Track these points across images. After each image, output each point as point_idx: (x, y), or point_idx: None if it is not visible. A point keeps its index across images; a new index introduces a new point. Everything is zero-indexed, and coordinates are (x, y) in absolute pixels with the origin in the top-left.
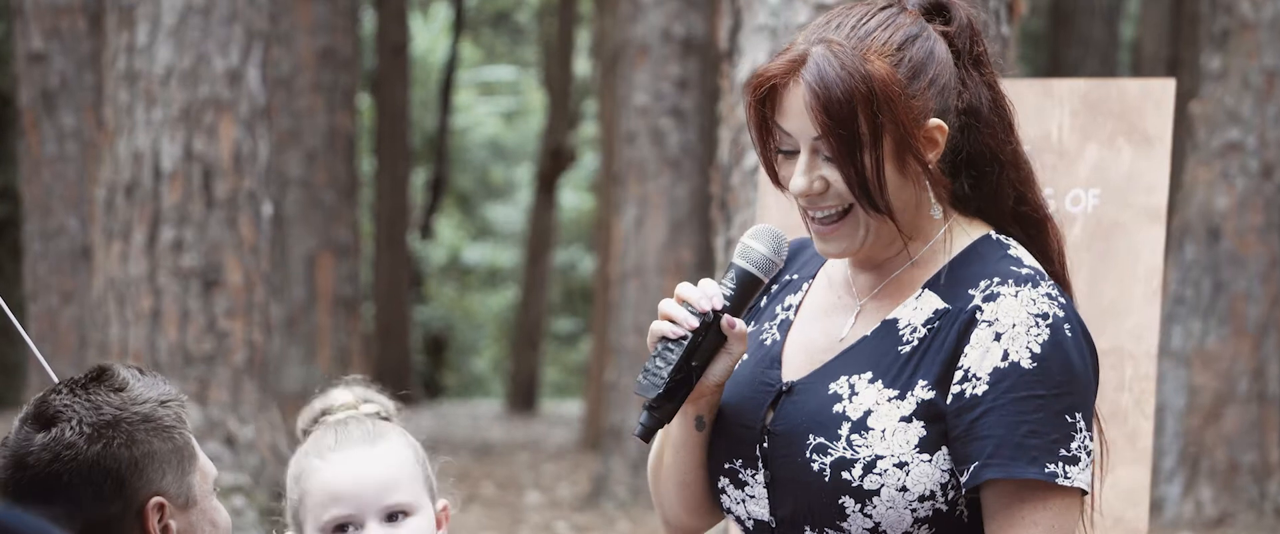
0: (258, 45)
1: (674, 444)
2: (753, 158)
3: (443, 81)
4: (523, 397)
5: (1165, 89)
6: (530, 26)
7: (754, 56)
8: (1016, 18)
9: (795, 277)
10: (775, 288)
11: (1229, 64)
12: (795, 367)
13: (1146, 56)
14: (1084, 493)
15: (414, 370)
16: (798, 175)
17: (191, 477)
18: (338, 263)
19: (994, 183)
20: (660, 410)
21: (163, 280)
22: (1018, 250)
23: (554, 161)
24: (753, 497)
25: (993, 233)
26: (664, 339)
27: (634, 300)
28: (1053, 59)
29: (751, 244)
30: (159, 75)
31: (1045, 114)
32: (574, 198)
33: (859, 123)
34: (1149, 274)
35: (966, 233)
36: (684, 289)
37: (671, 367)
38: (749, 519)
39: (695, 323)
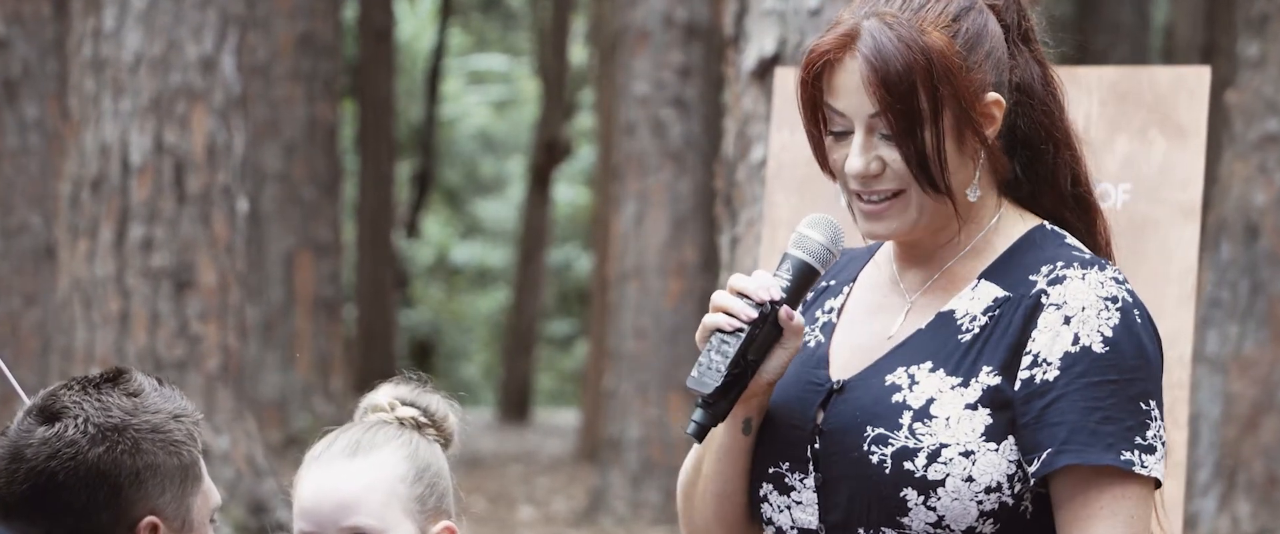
0: (233, 31)
1: (717, 451)
2: (759, 151)
3: (430, 69)
4: (515, 405)
5: (1200, 77)
6: (523, 11)
7: (761, 42)
8: (1039, 0)
9: (832, 282)
10: (811, 296)
11: (1268, 51)
12: (843, 365)
13: (1180, 43)
14: (1159, 484)
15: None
16: (854, 156)
17: (193, 498)
18: (317, 263)
19: (1050, 163)
20: (715, 407)
21: (131, 281)
22: (1073, 240)
23: (548, 154)
24: (799, 502)
25: (1046, 224)
26: (719, 332)
27: (633, 302)
28: (1080, 45)
29: (808, 233)
30: (127, 62)
31: (1073, 104)
32: (569, 193)
33: (919, 97)
34: (1182, 275)
35: (1019, 222)
36: (738, 280)
37: (729, 360)
38: (793, 528)
39: (753, 314)
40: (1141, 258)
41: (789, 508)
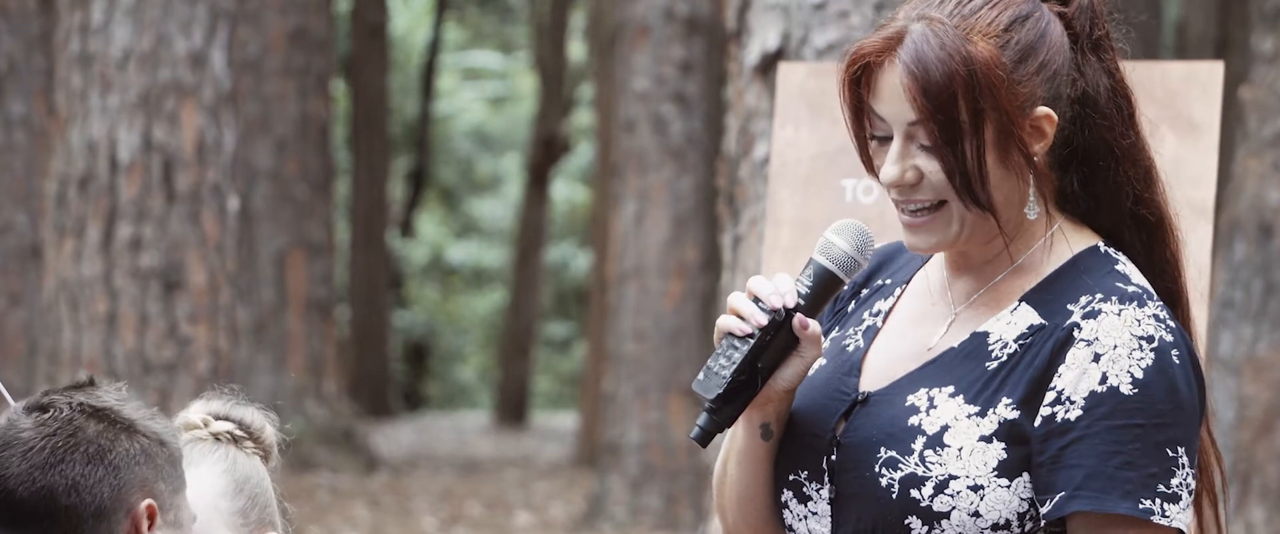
0: (223, 25)
1: (738, 454)
2: (762, 148)
3: (425, 65)
4: (512, 408)
5: (1213, 72)
6: (519, 5)
7: (764, 37)
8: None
9: (888, 281)
10: (866, 292)
11: None
12: (875, 376)
13: (1192, 37)
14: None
15: (394, 380)
16: (889, 164)
17: (181, 496)
18: (310, 262)
19: (1110, 180)
20: (720, 413)
21: (119, 281)
22: (1126, 266)
23: (546, 152)
24: (815, 513)
25: (1101, 245)
26: (729, 335)
27: (633, 303)
28: None
29: (834, 240)
30: (115, 58)
31: None
32: (567, 191)
33: (959, 108)
34: (1195, 275)
35: (1072, 241)
36: (756, 283)
37: (735, 366)
38: None
39: (764, 320)
40: None
41: (806, 518)
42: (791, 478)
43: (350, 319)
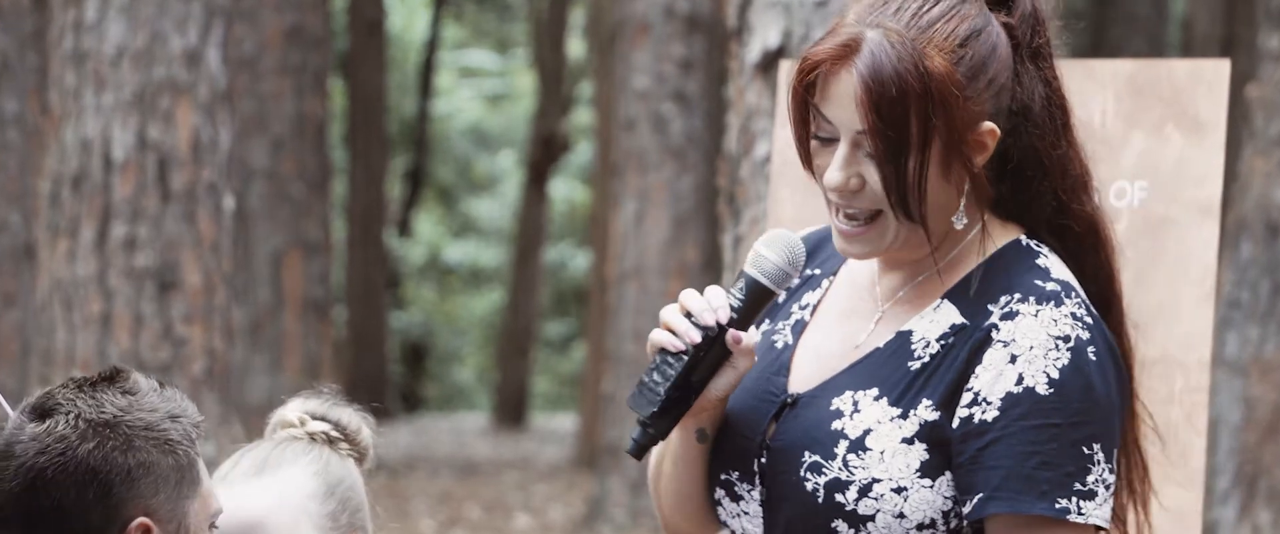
0: (219, 22)
1: (673, 455)
2: (764, 147)
3: (423, 63)
4: (511, 410)
5: (1219, 70)
6: (518, 2)
7: (765, 35)
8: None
9: (817, 271)
10: (795, 282)
11: None
12: (804, 376)
13: (1198, 35)
14: (1099, 530)
15: (391, 381)
16: (834, 169)
17: (189, 502)
18: (307, 262)
19: (1033, 189)
20: (655, 427)
21: (114, 282)
22: (1048, 259)
23: (545, 150)
24: (747, 513)
25: (1024, 238)
26: (663, 351)
27: (633, 303)
28: (1095, 38)
29: (764, 252)
30: (109, 55)
31: (1086, 98)
32: (567, 190)
33: (910, 124)
34: (1201, 275)
35: (996, 237)
36: (688, 298)
37: (670, 383)
38: None
39: (697, 338)
40: (1158, 258)
41: (739, 516)
42: (723, 478)
43: (347, 320)
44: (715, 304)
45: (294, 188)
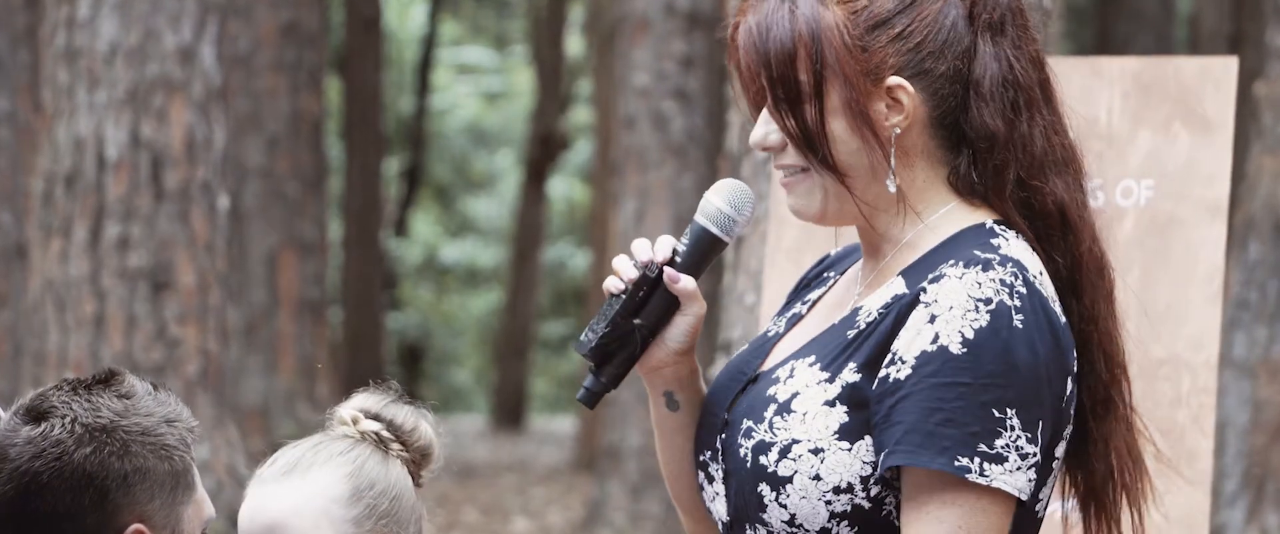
0: (213, 19)
1: (655, 427)
2: None
3: (420, 60)
4: (509, 412)
5: (1226, 68)
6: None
7: None
8: None
9: (832, 275)
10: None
11: None
12: (776, 356)
13: (1205, 32)
14: (1014, 498)
15: (388, 382)
16: (758, 125)
17: (184, 507)
18: (302, 262)
19: (990, 164)
20: (603, 373)
21: (107, 282)
22: (1008, 242)
23: (544, 149)
24: (718, 493)
25: (989, 221)
26: (610, 296)
27: None
28: (1101, 35)
29: (711, 198)
30: (103, 52)
31: (1093, 96)
32: (566, 189)
33: (797, 70)
34: (1209, 275)
35: (961, 218)
36: (635, 243)
37: (607, 322)
38: (718, 521)
39: (634, 275)
40: (1166, 257)
41: (715, 499)
42: (701, 459)
43: (343, 320)
44: (659, 247)
45: (289, 187)
